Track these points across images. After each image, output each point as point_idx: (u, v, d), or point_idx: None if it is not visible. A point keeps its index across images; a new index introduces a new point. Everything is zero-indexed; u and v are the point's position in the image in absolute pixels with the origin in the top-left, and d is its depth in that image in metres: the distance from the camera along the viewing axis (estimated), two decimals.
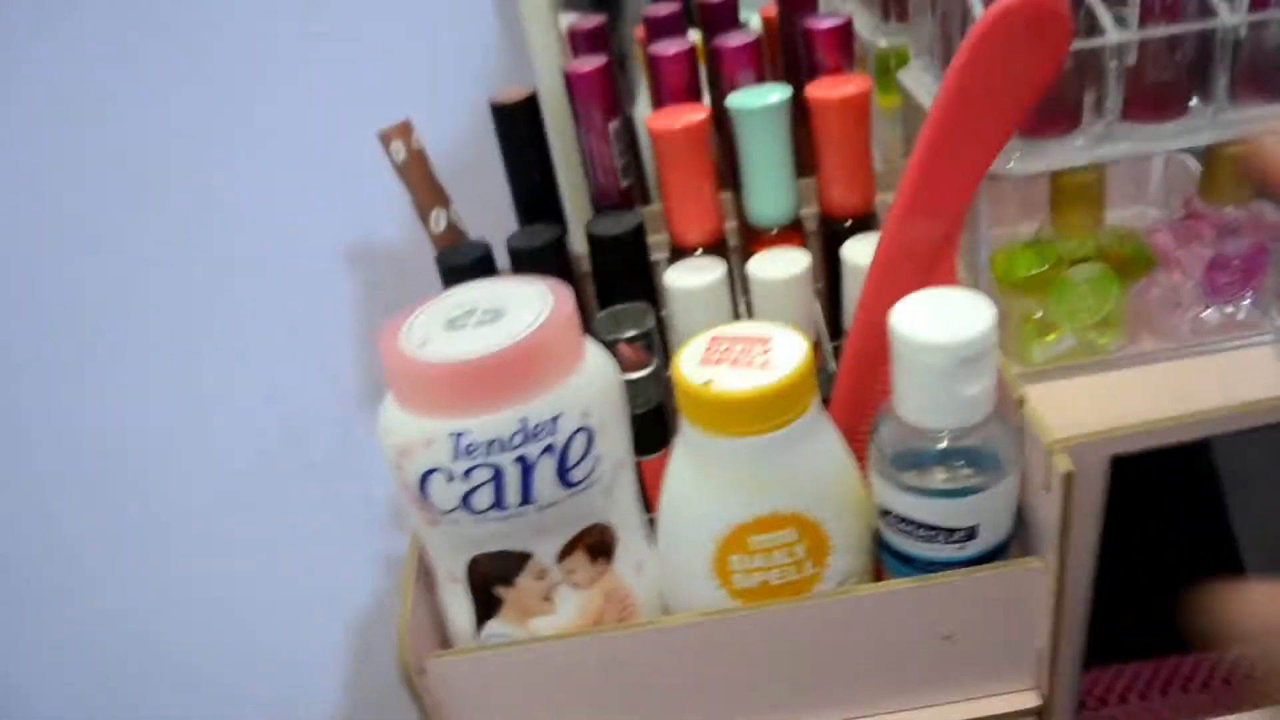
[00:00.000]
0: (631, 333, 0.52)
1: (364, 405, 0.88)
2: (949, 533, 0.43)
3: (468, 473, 0.41)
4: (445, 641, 0.49)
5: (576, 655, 0.45)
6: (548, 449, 0.41)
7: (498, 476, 0.41)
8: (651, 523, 0.48)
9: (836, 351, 0.56)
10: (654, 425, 0.52)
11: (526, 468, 0.41)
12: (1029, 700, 0.48)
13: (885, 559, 0.47)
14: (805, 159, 0.57)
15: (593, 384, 0.43)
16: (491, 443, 0.40)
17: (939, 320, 0.41)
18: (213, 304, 0.82)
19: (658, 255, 0.58)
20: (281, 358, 0.85)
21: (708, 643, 0.45)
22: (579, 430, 0.41)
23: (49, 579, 0.96)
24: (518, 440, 0.40)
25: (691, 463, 0.43)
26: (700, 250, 0.56)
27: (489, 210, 0.62)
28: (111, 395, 0.85)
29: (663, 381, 0.53)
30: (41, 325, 0.82)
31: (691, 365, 0.42)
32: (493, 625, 0.46)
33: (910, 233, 0.45)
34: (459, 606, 0.46)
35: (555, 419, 0.41)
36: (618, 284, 0.55)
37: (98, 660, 1.02)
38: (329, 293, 0.83)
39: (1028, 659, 0.47)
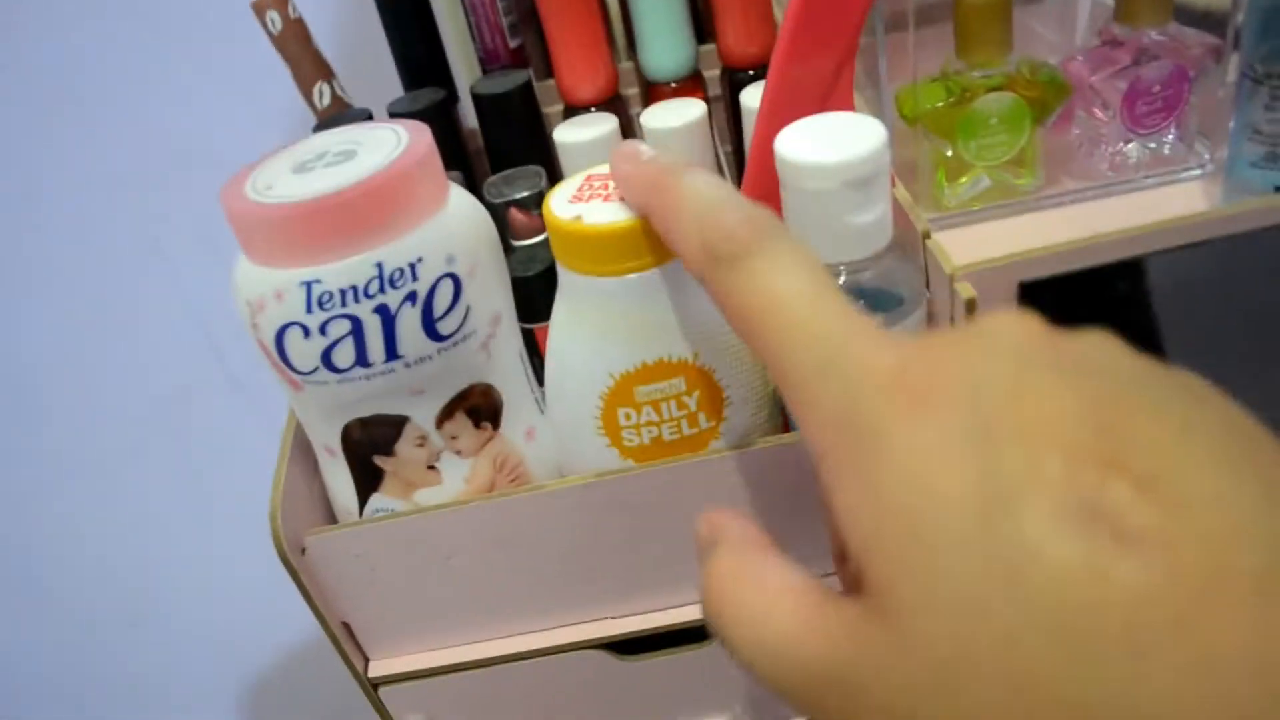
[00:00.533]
0: (523, 194, 0.49)
1: None
2: None
3: (324, 326, 0.37)
4: (333, 522, 0.46)
5: (464, 527, 0.42)
6: (410, 297, 0.38)
7: (357, 329, 0.38)
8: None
9: None
10: (549, 291, 0.49)
11: (388, 318, 0.38)
12: None
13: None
14: (707, 25, 0.53)
15: (458, 227, 0.39)
16: (346, 291, 0.37)
17: (827, 143, 0.38)
18: (118, 215, 0.78)
19: (555, 121, 0.55)
20: (196, 267, 0.82)
21: (602, 508, 0.42)
22: (444, 276, 0.38)
23: None
24: (375, 288, 0.37)
25: (570, 310, 0.40)
26: (594, 108, 0.52)
27: (376, 82, 0.58)
28: (25, 318, 0.82)
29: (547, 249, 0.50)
30: None
31: (562, 202, 0.39)
32: (376, 500, 0.44)
33: (800, 65, 0.42)
34: (340, 482, 0.44)
35: (415, 264, 0.38)
36: (509, 146, 0.52)
37: (28, 588, 0.99)
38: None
39: None
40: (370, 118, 0.51)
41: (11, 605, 1.00)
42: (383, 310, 0.37)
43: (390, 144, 0.39)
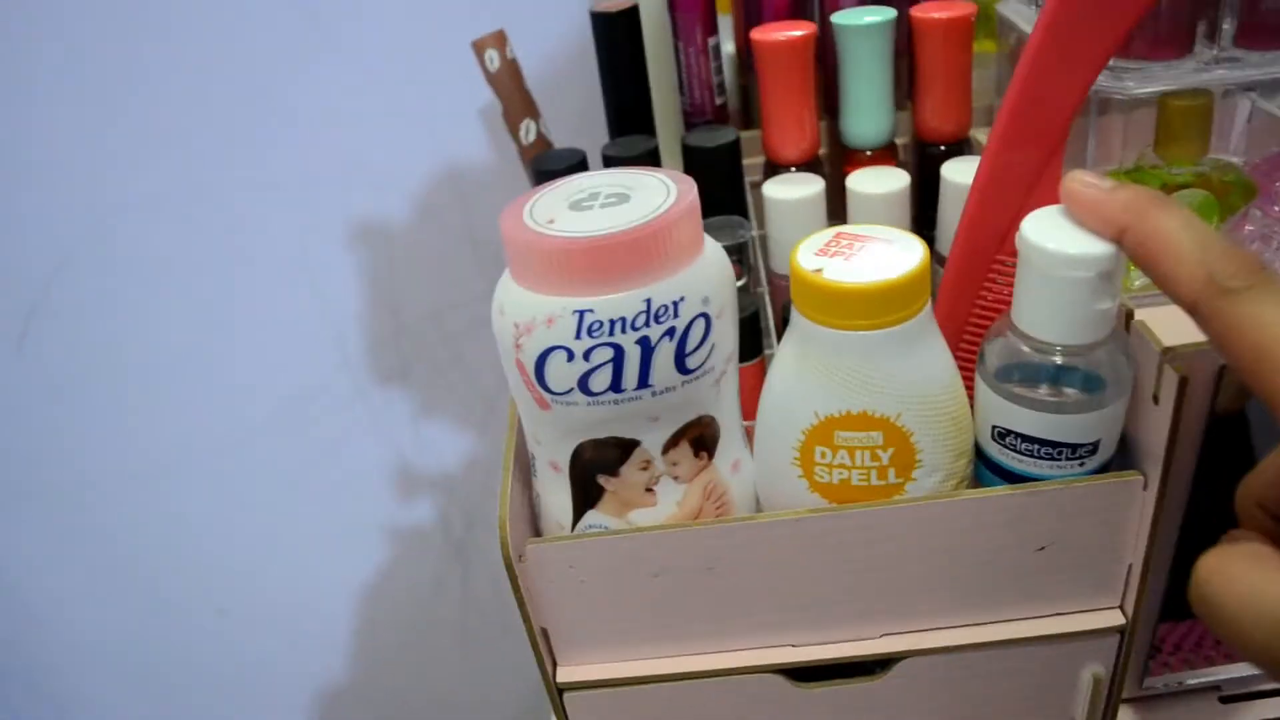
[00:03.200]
0: (725, 243, 0.53)
1: (417, 330, 0.88)
2: (1073, 449, 0.43)
3: (589, 352, 0.41)
4: (536, 535, 0.49)
5: (674, 548, 0.45)
6: (669, 332, 0.41)
7: (618, 357, 0.41)
8: (747, 432, 0.48)
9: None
10: (746, 335, 0.53)
11: (647, 350, 0.41)
12: (1114, 618, 0.48)
13: (986, 480, 0.47)
14: (901, 92, 0.57)
15: (712, 273, 0.43)
16: (615, 321, 0.40)
17: (1072, 234, 0.41)
18: (269, 222, 0.82)
19: (752, 176, 0.58)
20: (339, 279, 0.85)
21: (798, 542, 0.45)
22: (699, 316, 0.42)
23: (71, 506, 0.96)
24: (641, 320, 0.41)
25: (795, 351, 0.44)
26: (795, 168, 0.56)
27: (575, 124, 0.62)
28: (161, 314, 0.85)
29: (754, 294, 0.53)
30: (59, 242, 0.82)
31: (808, 254, 0.42)
32: (591, 516, 0.47)
33: (1013, 152, 0.45)
34: (557, 497, 0.47)
35: (678, 302, 0.41)
36: (712, 198, 0.55)
37: (143, 587, 1.02)
38: (386, 210, 0.83)
39: (1117, 577, 0.47)
40: (584, 156, 0.55)
41: (125, 594, 1.03)
42: (644, 342, 0.41)
43: (661, 192, 0.42)
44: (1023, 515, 0.45)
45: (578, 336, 0.41)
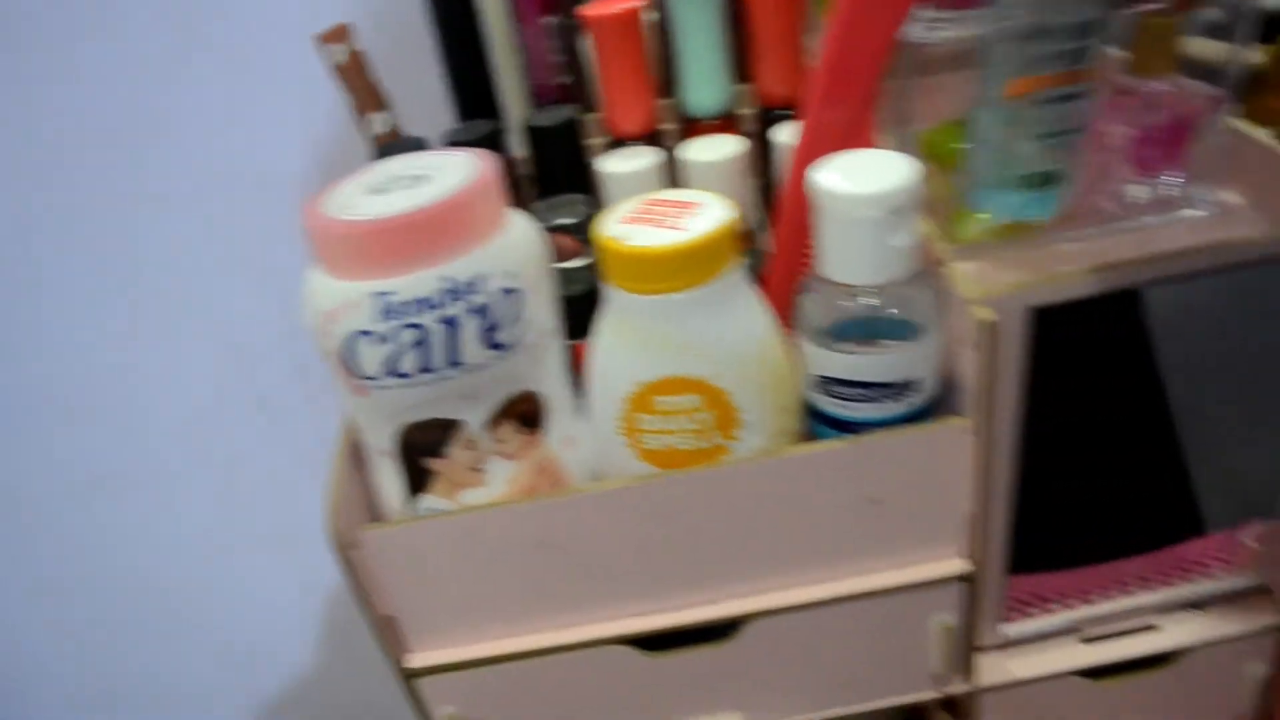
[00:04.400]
0: (567, 220, 0.53)
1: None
2: (889, 388, 0.44)
3: (393, 334, 0.41)
4: (378, 520, 0.49)
5: (507, 526, 0.46)
6: (473, 309, 0.41)
7: (424, 338, 0.41)
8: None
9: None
10: (588, 311, 0.53)
11: (452, 328, 0.41)
12: (957, 567, 0.49)
13: (820, 432, 0.48)
14: (744, 66, 0.57)
15: (518, 248, 0.43)
16: (416, 302, 0.40)
17: (862, 176, 0.42)
18: (153, 233, 0.81)
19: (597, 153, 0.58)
20: (227, 288, 0.85)
21: (629, 511, 0.45)
22: (504, 291, 0.42)
23: (18, 529, 0.95)
24: (443, 299, 0.41)
25: (610, 320, 0.44)
26: (637, 142, 0.56)
27: (427, 113, 0.62)
28: (55, 334, 0.85)
29: (597, 269, 0.53)
30: None
31: (613, 222, 0.42)
32: (424, 500, 0.47)
33: (828, 111, 0.46)
34: (390, 481, 0.47)
35: (480, 279, 0.41)
36: (555, 176, 0.56)
37: (58, 605, 1.01)
38: (268, 213, 0.82)
39: (956, 524, 0.48)
40: (425, 146, 0.55)
41: (42, 613, 1.02)
42: (448, 321, 0.41)
43: (459, 171, 0.42)
44: (852, 467, 0.45)
45: (381, 319, 0.41)
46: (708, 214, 0.42)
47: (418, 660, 0.50)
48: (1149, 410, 0.48)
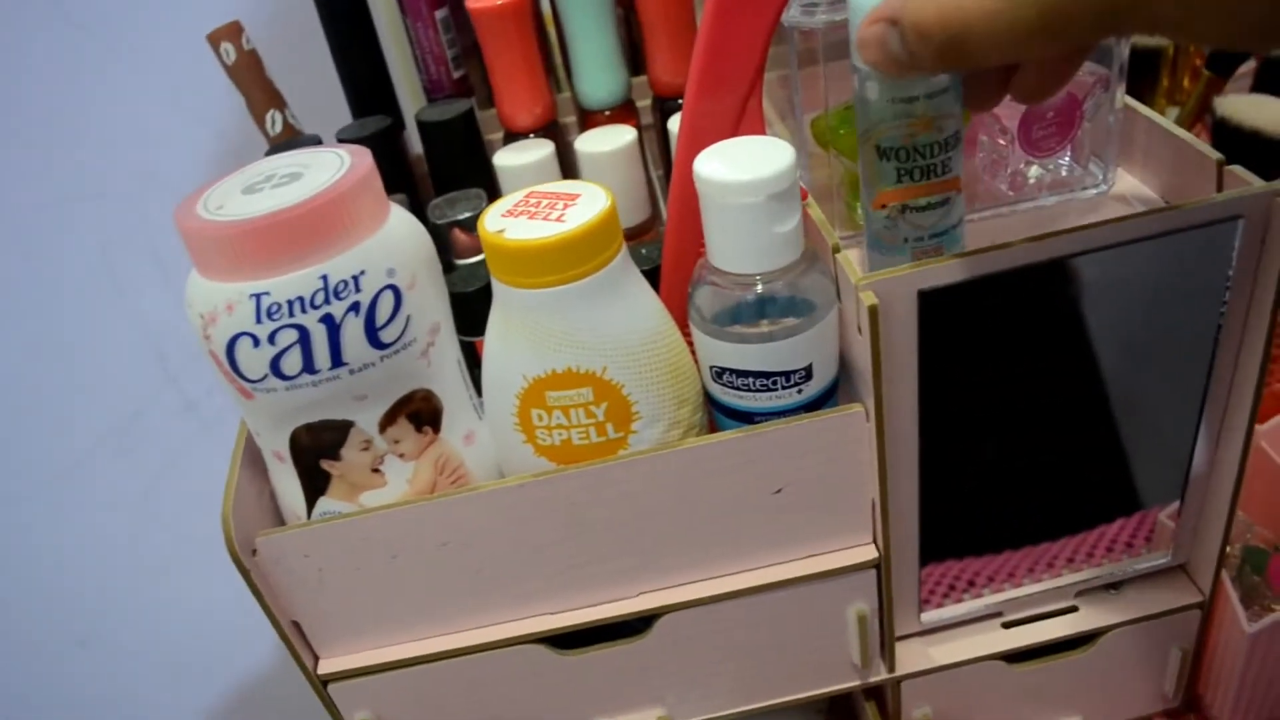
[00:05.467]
0: (465, 215, 0.52)
1: None
2: (785, 376, 0.43)
3: (273, 336, 0.40)
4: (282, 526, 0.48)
5: (407, 526, 0.45)
6: (353, 307, 0.40)
7: (304, 338, 0.40)
8: None
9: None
10: (488, 306, 0.52)
11: (333, 327, 0.40)
12: (866, 554, 0.48)
13: (722, 423, 0.47)
14: (639, 56, 0.57)
15: (398, 242, 0.42)
16: (293, 302, 0.40)
17: (743, 163, 0.41)
18: (69, 238, 0.80)
19: (497, 147, 0.58)
20: (151, 291, 0.84)
21: (527, 508, 0.45)
22: (385, 288, 0.41)
23: None
24: (320, 299, 0.40)
25: (499, 316, 0.44)
26: (533, 134, 0.55)
27: (325, 110, 0.61)
28: None
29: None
30: None
31: (495, 217, 0.42)
32: (324, 503, 0.46)
33: (709, 100, 0.46)
34: (288, 486, 0.46)
35: (358, 276, 0.40)
36: (452, 171, 0.55)
37: None
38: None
39: (864, 512, 0.48)
40: (320, 143, 0.54)
41: None
42: (328, 320, 0.40)
43: (334, 166, 0.41)
44: (751, 458, 0.45)
45: (259, 320, 0.40)
46: (587, 205, 0.42)
47: (328, 666, 0.49)
48: (1070, 390, 0.47)
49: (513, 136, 0.56)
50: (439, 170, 0.55)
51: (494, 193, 0.56)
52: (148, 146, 0.76)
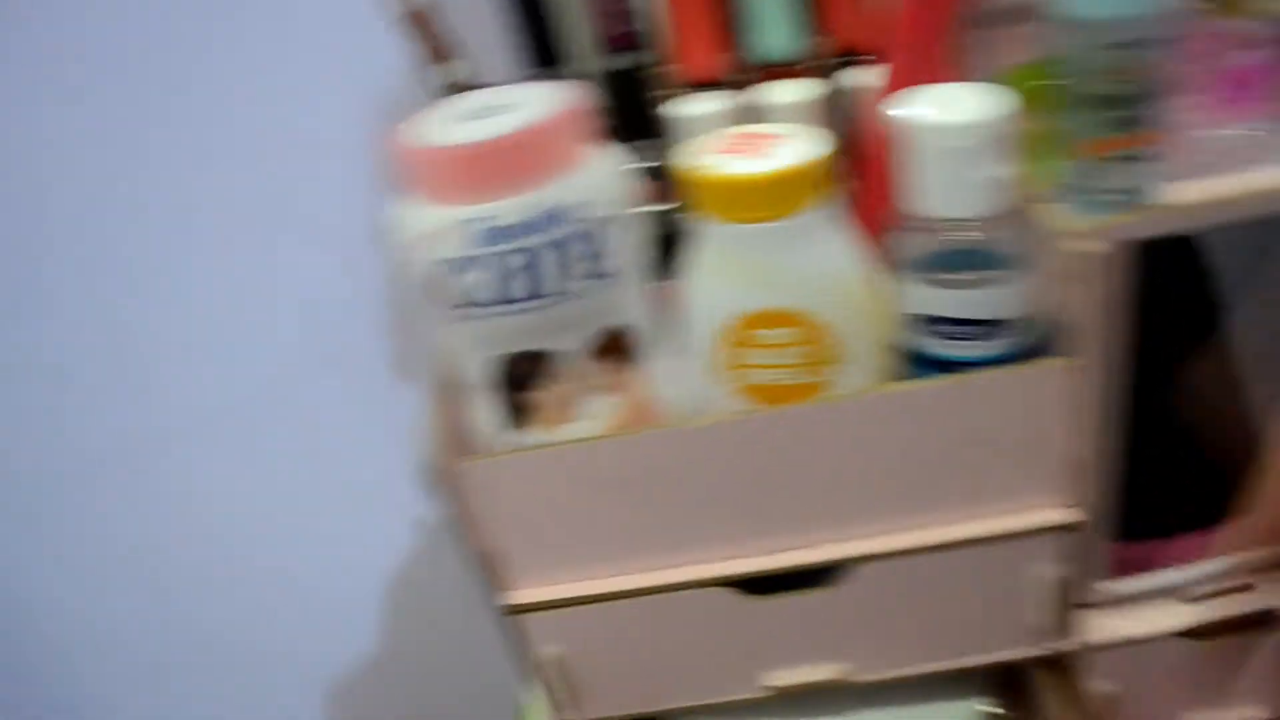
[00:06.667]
0: (649, 165, 0.53)
1: (382, 294, 0.87)
2: (994, 325, 0.43)
3: (495, 260, 0.41)
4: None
5: (612, 459, 0.45)
6: (576, 235, 0.41)
7: (525, 264, 0.41)
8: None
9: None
10: (662, 255, 0.52)
11: (550, 254, 0.41)
12: (1062, 515, 0.47)
13: (917, 374, 0.47)
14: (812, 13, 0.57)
15: (607, 178, 0.43)
16: (516, 227, 0.40)
17: (957, 107, 0.41)
18: (221, 193, 0.81)
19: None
20: (297, 248, 0.84)
21: (729, 447, 0.45)
22: (604, 219, 0.42)
23: (63, 491, 0.96)
24: (541, 224, 0.41)
25: (705, 253, 0.44)
26: (707, 88, 0.56)
27: (491, 66, 0.61)
28: (121, 294, 0.85)
29: (669, 215, 0.53)
30: (45, 224, 0.82)
31: (701, 152, 0.42)
32: (522, 434, 0.47)
33: (913, 50, 0.45)
34: (487, 415, 0.47)
35: (582, 204, 0.41)
36: (624, 124, 0.55)
37: (121, 573, 1.02)
38: (339, 173, 0.82)
39: (1058, 472, 0.47)
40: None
41: (123, 581, 1.03)
42: (552, 246, 0.41)
43: (548, 98, 0.42)
44: (956, 407, 0.44)
45: (483, 244, 0.41)
46: (798, 143, 0.42)
47: (521, 597, 0.49)
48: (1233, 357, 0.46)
49: (687, 89, 0.57)
50: (612, 122, 0.56)
51: (664, 145, 0.56)
52: (301, 103, 0.77)
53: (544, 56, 0.58)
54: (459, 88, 0.56)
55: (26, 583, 1.02)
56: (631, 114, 0.56)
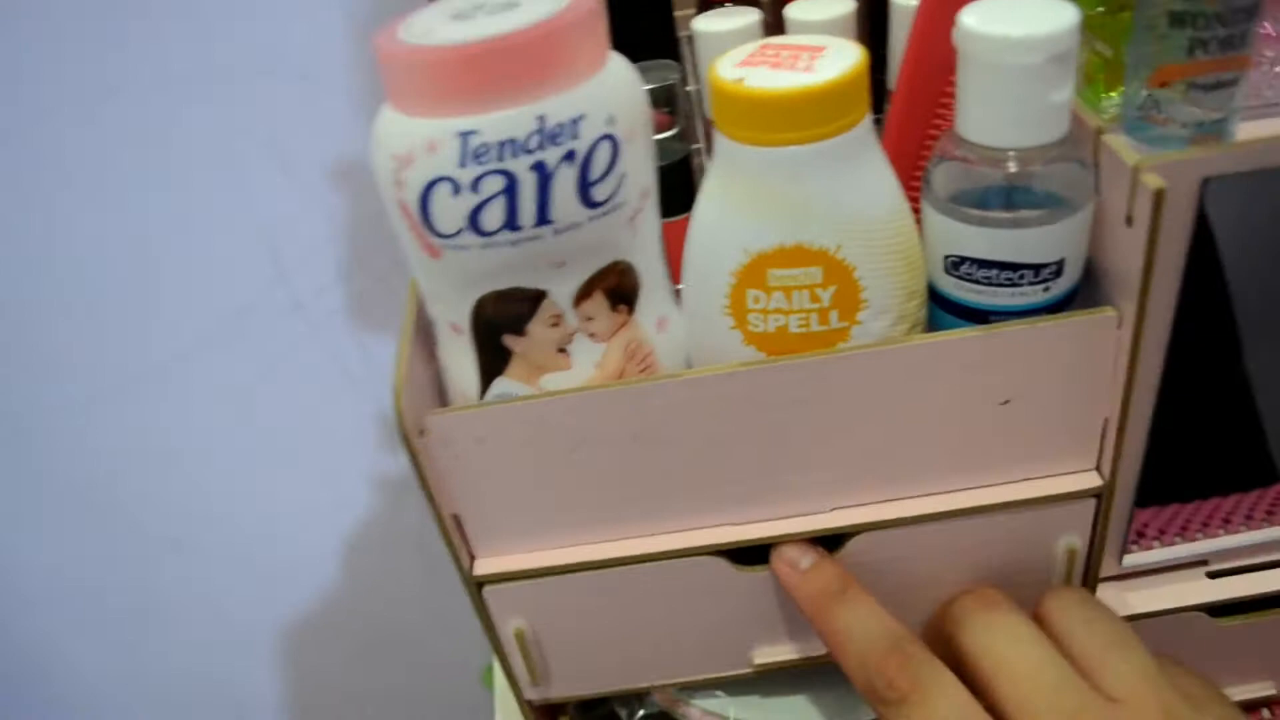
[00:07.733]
0: (653, 87, 0.47)
1: (357, 239, 0.82)
2: (1034, 270, 0.38)
3: (477, 182, 0.35)
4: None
5: (595, 414, 0.40)
6: (568, 156, 0.36)
7: (511, 186, 0.36)
8: (677, 294, 0.43)
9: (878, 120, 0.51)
10: (677, 186, 0.47)
11: (544, 177, 0.36)
12: (1088, 480, 0.43)
13: (945, 321, 0.42)
14: None
15: (619, 90, 0.37)
16: (505, 144, 0.35)
17: (1018, 19, 0.36)
18: (182, 122, 0.76)
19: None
20: (263, 185, 0.79)
21: (732, 402, 0.40)
22: (603, 138, 0.36)
23: (30, 426, 0.91)
24: (534, 142, 0.35)
25: (719, 180, 0.39)
26: (730, 2, 0.50)
27: None
28: (86, 229, 0.80)
29: (687, 141, 0.48)
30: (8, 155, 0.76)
31: (729, 64, 0.37)
32: (500, 384, 0.42)
33: None
34: (463, 362, 0.42)
35: (577, 120, 0.36)
36: (640, 41, 0.50)
37: (82, 513, 0.97)
38: (315, 111, 0.77)
39: (1090, 434, 0.42)
40: None
41: (74, 528, 0.98)
42: (540, 167, 0.35)
43: (556, 1, 0.36)
44: (985, 361, 0.40)
45: (463, 164, 0.35)
46: (837, 58, 0.36)
47: (483, 567, 0.45)
48: None
49: (706, 5, 0.51)
50: (624, 40, 0.50)
51: (681, 66, 0.50)
52: (269, 25, 0.71)
53: None
54: None
55: None
56: (642, 32, 0.51)
